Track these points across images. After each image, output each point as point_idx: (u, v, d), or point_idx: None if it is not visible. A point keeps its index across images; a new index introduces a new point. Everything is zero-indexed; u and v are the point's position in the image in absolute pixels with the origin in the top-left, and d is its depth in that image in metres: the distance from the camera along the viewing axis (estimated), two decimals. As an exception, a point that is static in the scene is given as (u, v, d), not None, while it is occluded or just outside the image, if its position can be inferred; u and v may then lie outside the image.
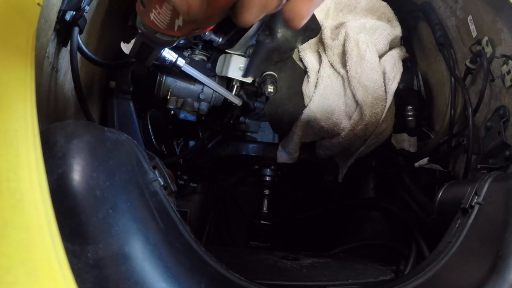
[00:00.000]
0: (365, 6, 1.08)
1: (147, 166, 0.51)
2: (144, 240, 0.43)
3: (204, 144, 1.09)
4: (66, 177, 0.40)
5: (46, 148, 0.40)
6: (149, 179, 0.50)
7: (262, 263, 0.71)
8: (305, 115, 1.01)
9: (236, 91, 1.02)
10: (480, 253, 0.57)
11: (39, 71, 0.65)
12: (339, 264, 0.77)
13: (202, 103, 1.03)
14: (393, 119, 1.05)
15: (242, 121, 1.09)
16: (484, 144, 0.90)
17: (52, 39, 0.70)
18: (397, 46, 1.10)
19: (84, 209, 0.40)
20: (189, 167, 1.17)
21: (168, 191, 0.55)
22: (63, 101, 0.80)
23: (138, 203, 0.45)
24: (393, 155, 1.12)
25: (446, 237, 0.65)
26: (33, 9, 0.49)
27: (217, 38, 0.94)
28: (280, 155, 1.08)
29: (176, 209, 0.53)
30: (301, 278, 0.65)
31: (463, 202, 0.66)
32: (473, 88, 1.00)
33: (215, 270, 0.51)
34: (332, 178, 1.17)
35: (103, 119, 1.05)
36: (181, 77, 1.01)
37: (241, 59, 0.98)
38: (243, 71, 0.97)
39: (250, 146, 1.12)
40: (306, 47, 1.04)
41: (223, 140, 1.13)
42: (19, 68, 0.40)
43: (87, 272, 0.37)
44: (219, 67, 1.00)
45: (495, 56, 0.87)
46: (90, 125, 0.47)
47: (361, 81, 0.98)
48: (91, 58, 0.80)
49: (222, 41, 0.94)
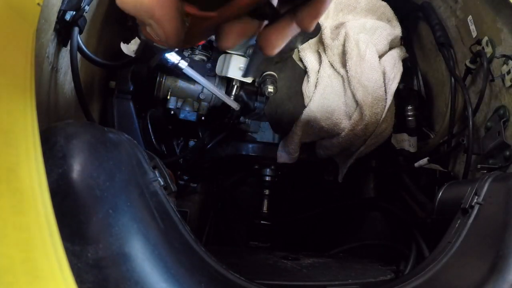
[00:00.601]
0: (365, 6, 1.08)
1: (147, 166, 0.51)
2: (144, 240, 0.43)
3: (204, 144, 1.09)
4: (66, 177, 0.40)
5: (46, 148, 0.40)
6: (149, 179, 0.50)
7: (262, 263, 0.71)
8: (305, 115, 1.01)
9: (236, 91, 1.02)
10: (480, 253, 0.57)
11: (39, 71, 0.65)
12: (339, 264, 0.77)
13: (202, 103, 1.03)
14: (393, 119, 1.05)
15: (242, 121, 1.09)
16: (484, 144, 0.90)
17: (52, 39, 0.70)
18: (397, 46, 1.10)
19: (84, 209, 0.40)
20: (189, 167, 1.17)
21: (168, 191, 0.55)
22: (63, 101, 0.80)
23: (138, 203, 0.45)
24: (393, 155, 1.12)
25: (446, 237, 0.65)
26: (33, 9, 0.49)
27: (217, 38, 0.94)
28: (280, 155, 1.08)
29: (176, 209, 0.53)
30: (301, 278, 0.65)
31: (463, 202, 0.66)
32: (473, 88, 1.00)
33: (215, 270, 0.51)
34: (332, 178, 1.17)
35: (103, 119, 1.05)
36: (181, 77, 1.01)
37: (241, 59, 0.98)
38: (243, 71, 0.97)
39: (250, 146, 1.12)
40: (306, 47, 1.04)
41: (223, 140, 1.13)
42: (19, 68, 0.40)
43: (87, 272, 0.37)
44: (219, 67, 1.01)
45: (495, 56, 0.87)
46: (90, 125, 0.47)
47: (361, 81, 0.98)
48: (91, 58, 0.80)
49: (222, 41, 0.93)
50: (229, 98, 0.99)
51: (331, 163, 1.16)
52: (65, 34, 0.75)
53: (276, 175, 1.19)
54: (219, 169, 1.26)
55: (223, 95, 0.97)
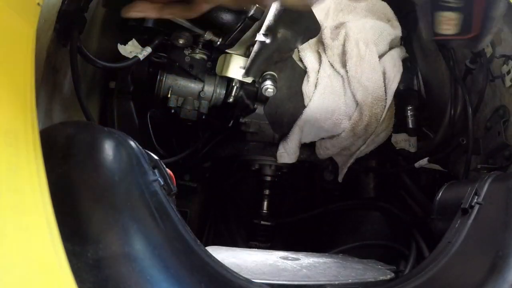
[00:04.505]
0: (365, 6, 1.08)
1: (147, 166, 0.51)
2: (144, 240, 0.43)
3: (204, 144, 1.09)
4: (66, 177, 0.40)
5: (46, 148, 0.40)
6: (149, 179, 0.50)
7: (262, 263, 0.71)
8: (305, 115, 1.01)
9: (236, 91, 1.02)
10: (480, 253, 0.57)
11: (39, 71, 0.65)
12: (339, 264, 0.77)
13: (203, 102, 1.03)
14: (393, 119, 1.05)
15: (242, 121, 1.09)
16: (484, 144, 0.90)
17: (52, 39, 0.70)
18: (397, 46, 1.10)
19: (84, 209, 0.40)
20: (189, 167, 1.17)
21: (168, 191, 0.55)
22: (63, 101, 0.80)
23: (138, 203, 0.45)
24: (393, 155, 1.12)
25: (446, 237, 0.65)
26: (33, 9, 0.49)
27: (217, 38, 0.94)
28: (280, 155, 1.08)
29: (176, 209, 0.53)
30: (301, 278, 0.65)
31: (463, 202, 0.66)
32: (473, 88, 1.00)
33: (215, 270, 0.51)
34: (332, 178, 1.17)
35: (103, 119, 1.05)
36: (181, 75, 1.01)
37: (241, 59, 0.98)
38: (243, 71, 0.97)
39: (250, 146, 1.12)
40: (306, 47, 1.04)
41: (223, 140, 1.13)
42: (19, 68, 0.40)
43: (87, 272, 0.37)
44: (219, 67, 1.00)
45: (495, 56, 0.87)
46: (90, 125, 0.47)
47: (361, 81, 0.98)
48: (90, 59, 0.80)
49: (222, 42, 0.94)
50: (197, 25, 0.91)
51: (331, 163, 1.16)
52: (65, 34, 0.75)
53: (276, 175, 1.19)
54: (219, 169, 1.26)
55: (190, 25, 0.91)
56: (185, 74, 1.01)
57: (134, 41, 0.90)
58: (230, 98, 1.02)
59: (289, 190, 1.34)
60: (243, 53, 0.99)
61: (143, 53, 0.89)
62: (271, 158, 1.11)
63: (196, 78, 1.01)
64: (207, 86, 1.02)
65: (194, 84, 1.02)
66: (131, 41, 0.90)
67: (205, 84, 1.02)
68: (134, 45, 0.90)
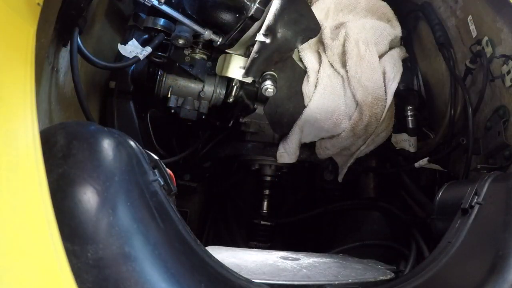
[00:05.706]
0: (365, 6, 1.08)
1: (147, 166, 0.51)
2: (144, 240, 0.43)
3: (204, 144, 1.09)
4: (66, 177, 0.40)
5: (46, 148, 0.40)
6: (149, 179, 0.50)
7: (262, 263, 0.71)
8: (305, 115, 1.01)
9: (236, 91, 1.02)
10: (480, 253, 0.57)
11: (39, 71, 0.65)
12: (339, 264, 0.77)
13: (203, 102, 1.03)
14: (393, 119, 1.05)
15: (242, 121, 1.09)
16: (484, 144, 0.90)
17: (52, 39, 0.70)
18: (397, 46, 1.10)
19: (84, 209, 0.40)
20: (189, 167, 1.17)
21: (168, 191, 0.55)
22: (63, 101, 0.80)
23: (138, 203, 0.45)
24: (393, 155, 1.12)
25: (446, 237, 0.65)
26: (33, 9, 0.49)
27: (217, 38, 0.94)
28: (280, 155, 1.08)
29: (176, 209, 0.53)
30: (301, 278, 0.65)
31: (463, 202, 0.66)
32: (473, 88, 1.00)
33: (215, 270, 0.51)
34: (332, 178, 1.17)
35: (103, 119, 1.05)
36: (181, 75, 1.01)
37: (241, 59, 0.98)
38: (243, 71, 0.97)
39: (250, 146, 1.12)
40: (306, 47, 1.04)
41: (223, 140, 1.13)
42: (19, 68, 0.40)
43: (87, 272, 0.37)
44: (219, 67, 1.01)
45: (495, 56, 0.87)
46: (90, 125, 0.47)
47: (361, 81, 0.98)
48: (90, 59, 0.80)
49: (222, 41, 0.94)
50: (197, 25, 0.93)
51: (331, 163, 1.16)
52: (65, 34, 0.75)
53: (276, 175, 1.19)
54: (219, 169, 1.26)
55: (190, 22, 0.92)
56: (185, 74, 1.01)
57: (134, 41, 0.90)
58: (230, 98, 1.02)
59: (289, 190, 1.34)
60: (243, 53, 0.99)
61: (143, 53, 0.89)
62: (271, 158, 1.11)
63: (196, 78, 1.01)
64: (207, 86, 1.02)
65: (194, 84, 1.02)
66: (131, 41, 0.90)
67: (205, 84, 1.02)
68: (134, 45, 0.90)
